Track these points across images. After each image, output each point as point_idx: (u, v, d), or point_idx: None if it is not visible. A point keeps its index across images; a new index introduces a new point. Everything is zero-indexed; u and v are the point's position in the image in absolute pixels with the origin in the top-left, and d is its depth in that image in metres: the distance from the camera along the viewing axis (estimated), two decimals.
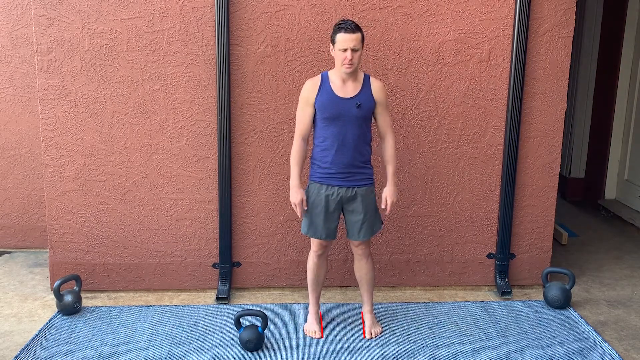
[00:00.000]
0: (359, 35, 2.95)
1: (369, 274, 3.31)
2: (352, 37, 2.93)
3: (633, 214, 5.29)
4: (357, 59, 2.98)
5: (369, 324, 3.33)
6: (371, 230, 3.18)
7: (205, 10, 3.51)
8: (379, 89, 3.08)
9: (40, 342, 3.22)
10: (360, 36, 2.95)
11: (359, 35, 2.95)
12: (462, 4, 3.59)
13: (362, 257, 3.27)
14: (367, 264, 3.29)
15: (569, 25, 3.66)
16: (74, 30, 3.50)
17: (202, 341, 3.25)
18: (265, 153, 3.70)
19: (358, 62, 3.00)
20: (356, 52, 2.95)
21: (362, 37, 2.97)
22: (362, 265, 3.29)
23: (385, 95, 3.11)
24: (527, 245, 3.93)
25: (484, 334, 3.36)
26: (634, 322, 3.55)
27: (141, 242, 3.78)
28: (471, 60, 3.66)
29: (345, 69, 2.97)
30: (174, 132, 3.65)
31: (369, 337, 3.28)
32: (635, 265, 4.42)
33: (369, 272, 3.31)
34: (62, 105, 3.59)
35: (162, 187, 3.71)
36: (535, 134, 3.78)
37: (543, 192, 3.86)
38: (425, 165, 3.78)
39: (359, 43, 2.95)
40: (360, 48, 2.96)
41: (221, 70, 3.52)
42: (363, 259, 3.27)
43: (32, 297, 3.78)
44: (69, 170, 3.66)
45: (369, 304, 3.36)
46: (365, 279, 3.32)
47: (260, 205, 3.77)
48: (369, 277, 3.32)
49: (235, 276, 3.86)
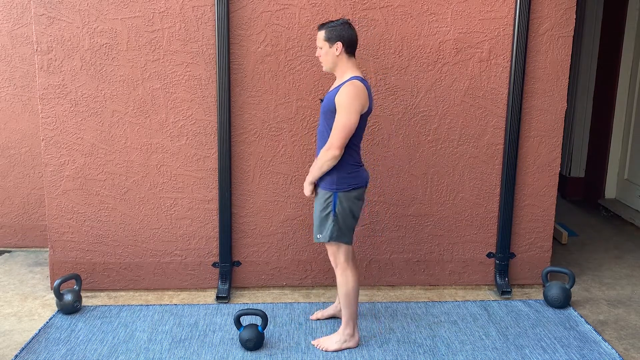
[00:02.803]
0: (321, 33, 2.93)
1: (339, 288, 3.09)
2: (317, 35, 2.96)
3: (633, 214, 5.29)
4: (324, 57, 2.94)
5: (329, 336, 3.20)
6: (315, 235, 3.05)
7: (205, 9, 3.51)
8: (340, 91, 2.85)
9: (40, 341, 3.22)
10: (322, 34, 2.92)
11: (320, 33, 2.93)
12: (462, 3, 3.59)
13: (332, 264, 3.12)
14: (337, 275, 3.09)
15: (569, 25, 3.66)
16: (74, 30, 3.50)
17: (202, 340, 3.25)
18: (265, 152, 3.70)
19: (330, 62, 2.94)
20: (321, 50, 2.95)
21: (325, 36, 2.91)
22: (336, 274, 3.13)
23: (343, 98, 2.82)
24: (527, 245, 3.94)
25: (484, 334, 3.36)
26: (633, 322, 3.55)
27: (141, 241, 3.78)
28: (471, 60, 3.66)
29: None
30: (174, 131, 3.65)
31: (314, 344, 3.18)
32: (635, 264, 4.42)
33: (340, 287, 3.08)
34: (62, 104, 3.59)
35: (162, 186, 3.71)
36: (536, 134, 3.78)
37: (543, 192, 3.86)
38: (425, 165, 3.78)
39: (320, 41, 2.94)
40: (322, 46, 2.93)
41: (221, 70, 3.52)
42: (333, 267, 3.11)
43: (32, 296, 3.78)
44: (69, 170, 3.66)
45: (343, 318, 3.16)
46: (339, 290, 3.12)
47: (260, 204, 3.77)
48: (340, 291, 3.10)
49: (235, 275, 3.86)
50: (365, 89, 2.88)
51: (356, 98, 2.83)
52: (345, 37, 2.90)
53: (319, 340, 3.19)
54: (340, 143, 2.85)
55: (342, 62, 2.93)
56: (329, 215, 2.98)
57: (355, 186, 2.98)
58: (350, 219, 3.01)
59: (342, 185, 2.95)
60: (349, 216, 3.00)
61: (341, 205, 2.96)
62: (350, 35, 2.92)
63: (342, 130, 2.83)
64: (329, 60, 2.94)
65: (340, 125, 2.83)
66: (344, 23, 2.92)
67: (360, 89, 2.85)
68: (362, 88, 2.86)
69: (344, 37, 2.89)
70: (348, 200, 2.97)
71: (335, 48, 2.90)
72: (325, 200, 2.98)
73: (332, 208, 2.96)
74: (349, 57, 2.94)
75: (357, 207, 3.03)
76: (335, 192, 2.96)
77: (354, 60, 2.96)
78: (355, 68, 2.96)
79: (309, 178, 3.02)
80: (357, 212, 3.04)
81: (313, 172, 2.99)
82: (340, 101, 2.83)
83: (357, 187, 2.99)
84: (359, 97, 2.84)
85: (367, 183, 3.07)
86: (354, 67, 2.95)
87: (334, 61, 2.94)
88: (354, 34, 2.93)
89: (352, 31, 2.93)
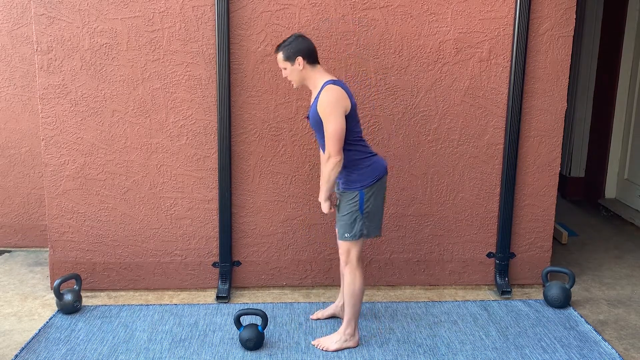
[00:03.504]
0: (279, 55, 2.98)
1: (347, 287, 3.10)
2: (277, 58, 3.01)
3: (633, 213, 5.29)
4: (291, 75, 2.99)
5: (329, 336, 3.21)
6: (342, 234, 3.06)
7: (205, 9, 3.51)
8: (319, 102, 2.89)
9: (40, 341, 3.22)
10: (280, 56, 2.97)
11: (279, 55, 2.98)
12: (463, 3, 3.59)
13: (341, 262, 3.13)
14: (346, 273, 3.10)
15: (569, 25, 3.66)
16: (74, 29, 3.50)
17: (202, 340, 3.25)
18: (266, 152, 3.70)
19: (298, 78, 2.98)
20: (286, 71, 2.99)
21: (283, 56, 2.95)
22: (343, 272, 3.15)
23: (323, 107, 2.86)
24: (527, 245, 3.94)
25: (484, 333, 3.36)
26: (633, 322, 3.55)
27: (141, 241, 3.78)
28: (471, 60, 3.66)
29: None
30: (174, 131, 3.65)
31: (314, 344, 3.19)
32: (635, 264, 4.42)
33: (347, 286, 3.10)
34: (62, 104, 3.59)
35: (162, 186, 3.71)
36: (536, 133, 3.78)
37: (543, 191, 3.86)
38: (425, 165, 3.78)
39: (281, 62, 2.99)
40: (286, 67, 2.97)
41: (221, 69, 3.52)
42: (342, 265, 3.14)
43: (32, 296, 3.78)
44: (69, 169, 3.66)
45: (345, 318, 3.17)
46: (345, 289, 3.13)
47: (261, 204, 3.77)
48: (346, 290, 3.11)
49: (235, 275, 3.86)
50: (341, 89, 2.92)
51: (336, 102, 2.87)
52: (302, 49, 2.95)
53: (319, 340, 3.20)
54: (337, 149, 2.89)
55: (309, 74, 2.98)
56: (356, 213, 3.01)
57: (378, 177, 3.02)
58: (378, 211, 3.06)
59: (365, 181, 2.99)
60: (377, 209, 3.05)
61: (368, 201, 3.00)
62: (307, 46, 2.97)
63: (334, 137, 2.87)
64: (296, 77, 3.00)
65: (330, 133, 2.87)
66: (296, 37, 2.98)
67: (336, 91, 2.89)
68: (337, 90, 2.90)
69: (301, 51, 2.94)
70: (374, 193, 3.02)
71: (297, 64, 2.95)
72: (352, 200, 3.01)
73: (360, 207, 3.00)
74: (313, 67, 2.98)
75: (382, 197, 3.07)
76: (360, 190, 2.99)
77: (319, 67, 3.01)
78: (324, 73, 3.00)
79: (322, 195, 3.03)
80: (382, 201, 3.08)
81: (324, 188, 3.01)
82: (322, 110, 2.88)
83: (380, 177, 3.03)
84: (337, 100, 2.88)
85: (386, 170, 3.09)
86: (322, 74, 2.99)
87: (301, 76, 2.99)
88: (310, 44, 2.98)
89: (307, 41, 2.98)
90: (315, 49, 3.00)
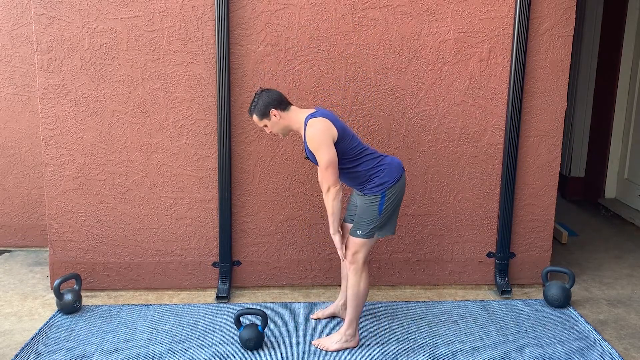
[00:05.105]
0: (255, 118, 3.03)
1: (350, 287, 3.10)
2: (254, 120, 3.07)
3: (633, 213, 5.29)
4: (275, 129, 3.04)
5: (330, 336, 3.21)
6: (355, 231, 3.06)
7: (205, 9, 3.51)
8: (307, 139, 2.95)
9: (41, 340, 3.23)
10: (256, 118, 3.02)
11: (255, 117, 3.03)
12: (462, 2, 3.59)
13: (347, 261, 3.11)
14: (351, 274, 3.09)
15: (569, 25, 3.66)
16: (74, 29, 3.50)
17: (202, 340, 3.25)
18: (266, 152, 3.70)
19: (281, 128, 3.03)
20: (267, 128, 3.04)
21: (259, 117, 3.00)
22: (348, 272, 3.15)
23: (311, 143, 2.92)
24: (527, 244, 3.94)
25: (484, 333, 3.36)
26: (633, 321, 3.55)
27: (141, 241, 3.78)
28: (471, 59, 3.66)
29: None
30: (174, 131, 3.65)
31: (314, 344, 3.19)
32: (635, 264, 4.42)
33: (352, 286, 3.09)
34: (62, 104, 3.59)
35: (162, 186, 3.71)
36: (536, 133, 3.78)
37: (543, 191, 3.86)
38: (425, 164, 3.78)
39: (258, 122, 3.04)
40: (266, 124, 3.02)
41: (221, 69, 3.52)
42: (348, 264, 3.12)
43: (32, 296, 3.78)
44: (69, 169, 3.66)
45: (347, 318, 3.16)
46: (349, 290, 3.12)
47: (260, 204, 3.77)
48: (350, 291, 3.10)
49: (235, 275, 3.86)
50: (322, 119, 2.94)
51: (322, 135, 2.91)
52: (271, 102, 2.99)
53: (320, 340, 3.20)
54: (333, 180, 2.93)
55: (288, 120, 3.03)
56: (374, 214, 3.03)
57: (397, 177, 3.05)
58: (395, 211, 3.10)
59: (386, 184, 3.02)
60: (395, 209, 3.09)
61: (388, 201, 3.03)
62: (273, 96, 3.01)
63: (327, 169, 2.92)
64: (279, 128, 3.05)
65: (323, 167, 2.92)
66: (260, 94, 3.02)
67: (318, 123, 2.93)
68: (319, 122, 2.93)
69: (271, 104, 2.99)
70: (394, 194, 3.04)
71: (272, 116, 2.99)
72: (372, 201, 3.03)
73: (379, 208, 3.02)
74: (288, 111, 3.02)
75: (401, 196, 3.10)
76: (382, 192, 3.01)
77: (293, 108, 3.05)
78: (300, 111, 3.04)
79: (331, 228, 3.06)
80: (400, 200, 3.10)
81: (331, 222, 3.04)
82: (312, 146, 2.93)
83: (399, 177, 3.05)
84: (322, 131, 2.91)
85: (403, 167, 3.11)
86: (298, 113, 3.03)
87: (282, 125, 3.03)
88: (274, 93, 3.03)
89: (272, 92, 3.03)
90: (282, 95, 3.03)
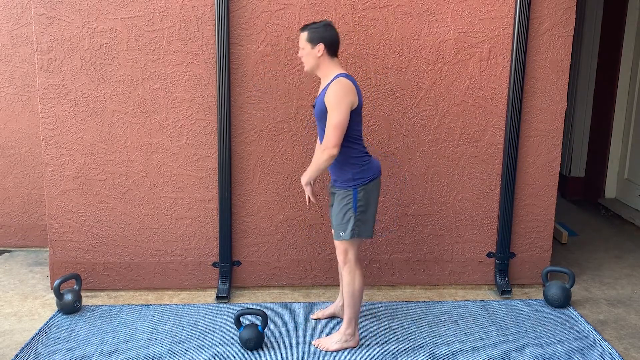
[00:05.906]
0: (303, 34, 2.97)
1: (346, 287, 3.10)
2: (300, 36, 3.00)
3: (633, 213, 5.29)
4: (306, 58, 2.98)
5: (330, 336, 3.21)
6: (337, 233, 3.06)
7: (205, 9, 3.51)
8: (327, 92, 2.88)
9: (41, 341, 3.22)
10: (304, 35, 2.96)
11: (303, 34, 2.97)
12: (462, 3, 3.59)
13: (339, 262, 3.13)
14: (344, 274, 3.10)
15: (569, 25, 3.66)
16: (74, 29, 3.50)
17: (202, 340, 3.25)
18: (265, 152, 3.70)
19: (312, 63, 2.98)
20: (303, 51, 2.99)
21: (307, 37, 2.94)
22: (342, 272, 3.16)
23: (331, 98, 2.85)
24: (527, 244, 3.94)
25: (484, 333, 3.36)
26: (633, 321, 3.55)
27: (141, 241, 3.78)
28: (471, 59, 3.66)
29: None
30: (174, 131, 3.65)
31: (314, 344, 3.19)
32: (635, 264, 4.42)
33: (346, 286, 3.09)
34: (62, 104, 3.59)
35: (162, 186, 3.71)
36: (536, 133, 3.78)
37: (543, 191, 3.86)
38: (425, 164, 3.78)
39: (302, 42, 2.98)
40: (304, 47, 2.97)
41: (221, 69, 3.52)
42: (340, 265, 3.13)
43: (32, 296, 3.78)
44: (69, 169, 3.66)
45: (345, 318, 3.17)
46: (344, 290, 3.13)
47: (261, 204, 3.77)
48: (346, 290, 3.10)
49: (235, 275, 3.86)
50: (352, 84, 2.92)
51: (344, 95, 2.87)
52: (327, 38, 2.94)
53: (320, 340, 3.20)
54: (336, 142, 2.88)
55: (324, 64, 2.98)
56: (349, 212, 3.01)
57: (372, 177, 3.03)
58: (370, 211, 3.06)
59: (359, 181, 3.00)
60: (370, 209, 3.05)
61: (361, 200, 3.00)
62: (332, 36, 2.96)
63: (336, 129, 2.87)
64: (310, 61, 2.99)
65: (332, 124, 2.86)
66: (326, 25, 2.96)
67: (347, 85, 2.89)
68: (348, 84, 2.90)
69: (325, 39, 2.94)
70: (367, 193, 3.02)
71: (317, 49, 2.94)
72: (345, 199, 3.02)
73: (353, 205, 3.00)
74: (331, 58, 2.98)
75: (375, 198, 3.07)
76: (354, 188, 2.99)
77: (336, 60, 3.00)
78: (339, 67, 3.00)
79: (305, 176, 3.06)
80: (375, 203, 3.08)
81: (310, 173, 3.03)
82: (330, 101, 2.87)
83: (374, 177, 3.04)
84: (346, 94, 2.88)
85: (380, 171, 3.10)
86: (337, 66, 2.99)
87: (315, 62, 2.98)
88: (335, 35, 2.98)
89: (334, 32, 2.98)
90: (339, 43, 3.00)
